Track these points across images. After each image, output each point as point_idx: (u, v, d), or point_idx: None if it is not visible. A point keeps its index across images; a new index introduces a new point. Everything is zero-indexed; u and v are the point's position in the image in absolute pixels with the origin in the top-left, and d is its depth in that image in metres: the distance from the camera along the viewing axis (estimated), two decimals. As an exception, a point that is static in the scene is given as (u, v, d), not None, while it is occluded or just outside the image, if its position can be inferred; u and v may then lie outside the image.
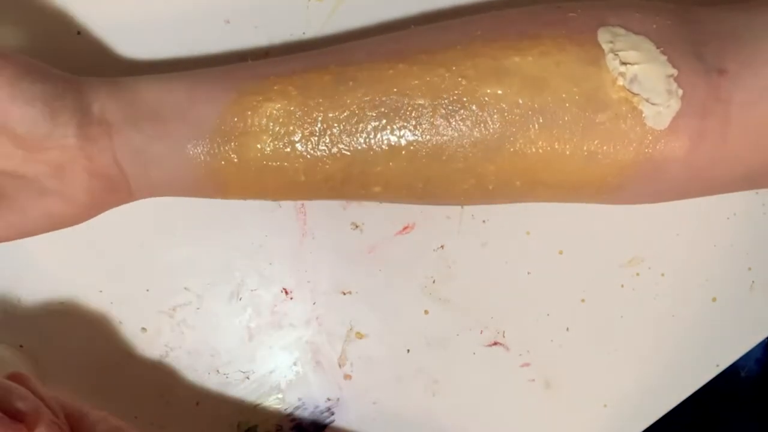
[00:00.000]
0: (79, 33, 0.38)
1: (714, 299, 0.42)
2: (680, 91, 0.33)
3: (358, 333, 0.40)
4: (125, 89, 0.34)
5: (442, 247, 0.40)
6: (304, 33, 0.39)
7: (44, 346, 0.39)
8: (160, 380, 0.40)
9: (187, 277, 0.39)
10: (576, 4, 0.35)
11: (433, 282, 0.40)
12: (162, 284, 0.39)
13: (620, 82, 0.33)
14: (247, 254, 0.40)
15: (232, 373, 0.40)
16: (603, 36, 0.33)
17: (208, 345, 0.40)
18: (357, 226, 0.40)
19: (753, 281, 0.42)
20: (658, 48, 0.33)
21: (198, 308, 0.40)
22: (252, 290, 0.40)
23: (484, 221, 0.40)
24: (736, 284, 0.42)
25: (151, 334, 0.39)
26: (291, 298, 0.40)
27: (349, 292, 0.40)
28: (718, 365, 0.42)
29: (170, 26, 0.38)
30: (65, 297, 0.39)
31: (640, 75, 0.33)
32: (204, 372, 0.40)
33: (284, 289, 0.40)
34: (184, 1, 0.38)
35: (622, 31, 0.33)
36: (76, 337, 0.39)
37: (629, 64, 0.33)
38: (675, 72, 0.33)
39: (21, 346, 0.39)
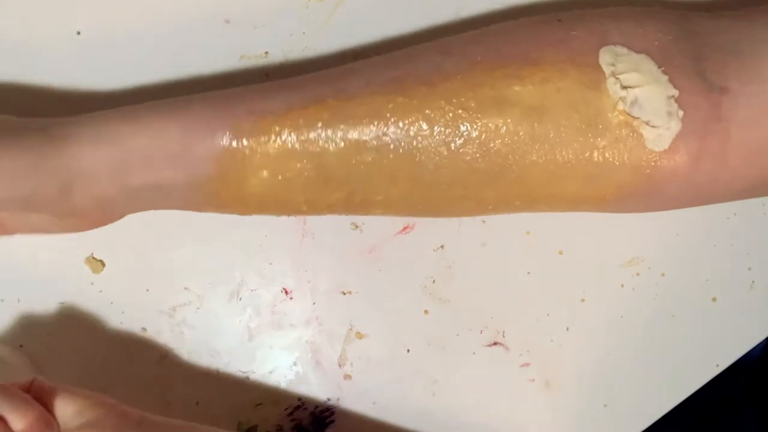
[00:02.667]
0: (78, 33, 0.38)
1: (714, 299, 0.42)
2: (681, 112, 0.32)
3: (358, 333, 0.40)
4: (112, 142, 0.32)
5: (442, 247, 0.40)
6: (304, 33, 0.39)
7: (44, 346, 0.39)
8: (160, 380, 0.40)
9: (187, 277, 0.39)
10: (577, 16, 0.35)
11: (433, 282, 0.40)
12: (162, 284, 0.39)
13: (620, 106, 0.32)
14: (247, 254, 0.40)
15: (232, 373, 0.40)
16: (604, 58, 0.33)
17: (208, 345, 0.40)
18: (357, 226, 0.40)
19: (753, 281, 0.42)
20: (659, 67, 0.33)
21: (198, 308, 0.40)
22: (252, 290, 0.40)
23: (484, 221, 0.40)
24: (736, 284, 0.42)
25: (151, 334, 0.39)
26: (291, 298, 0.40)
27: (349, 292, 0.40)
28: (718, 365, 0.42)
29: (170, 25, 0.38)
30: (65, 297, 0.39)
31: (641, 98, 0.32)
32: (204, 372, 0.40)
33: (284, 289, 0.40)
34: (184, 0, 0.38)
35: (623, 50, 0.33)
36: (76, 337, 0.39)
37: (630, 87, 0.32)
38: (676, 93, 0.32)
39: (21, 346, 0.39)
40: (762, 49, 0.33)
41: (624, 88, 0.32)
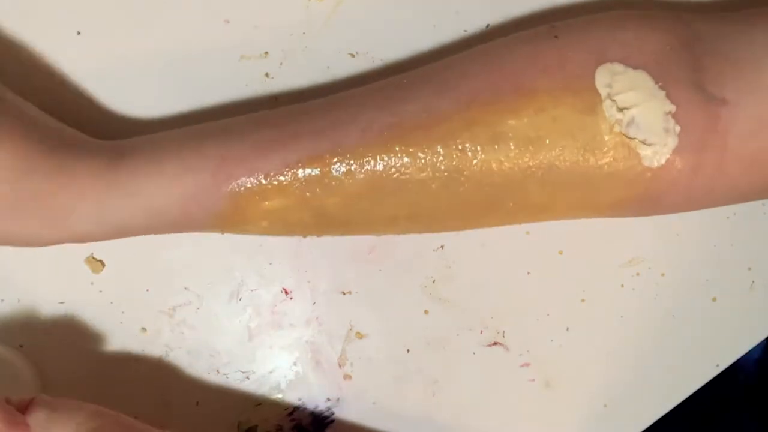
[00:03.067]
0: (79, 33, 0.38)
1: (714, 299, 0.42)
2: (677, 128, 0.32)
3: (358, 333, 0.40)
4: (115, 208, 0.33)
5: (442, 247, 0.40)
6: (304, 33, 0.39)
7: (44, 346, 0.39)
8: (160, 380, 0.40)
9: (187, 277, 0.39)
10: (574, 30, 0.34)
11: (433, 282, 0.40)
12: (162, 284, 0.39)
13: (617, 129, 0.32)
14: (247, 254, 0.40)
15: (232, 373, 0.40)
16: (601, 79, 0.32)
17: (208, 345, 0.40)
18: (357, 226, 0.40)
19: (753, 281, 0.42)
20: (657, 83, 0.32)
21: (198, 308, 0.40)
22: (252, 290, 0.40)
23: (484, 221, 0.40)
24: (736, 284, 0.42)
25: (151, 334, 0.39)
26: (291, 298, 0.40)
27: (349, 292, 0.40)
28: (718, 365, 0.42)
29: (170, 26, 0.38)
30: (65, 297, 0.39)
31: (637, 117, 0.32)
32: (204, 372, 0.40)
33: (284, 289, 0.40)
34: (184, 0, 0.38)
35: (620, 68, 0.33)
36: (76, 337, 0.39)
37: (626, 108, 0.32)
38: (673, 108, 0.32)
39: (21, 346, 0.39)
40: (761, 58, 0.33)
41: (620, 110, 0.32)
